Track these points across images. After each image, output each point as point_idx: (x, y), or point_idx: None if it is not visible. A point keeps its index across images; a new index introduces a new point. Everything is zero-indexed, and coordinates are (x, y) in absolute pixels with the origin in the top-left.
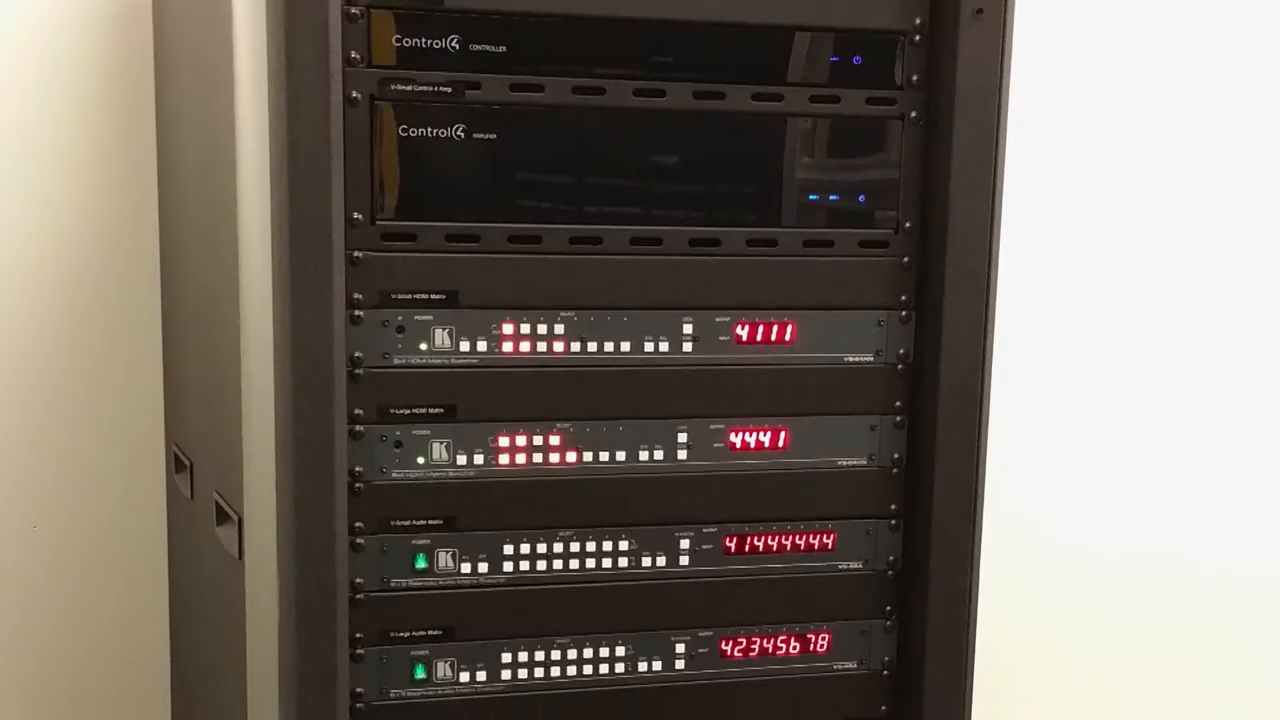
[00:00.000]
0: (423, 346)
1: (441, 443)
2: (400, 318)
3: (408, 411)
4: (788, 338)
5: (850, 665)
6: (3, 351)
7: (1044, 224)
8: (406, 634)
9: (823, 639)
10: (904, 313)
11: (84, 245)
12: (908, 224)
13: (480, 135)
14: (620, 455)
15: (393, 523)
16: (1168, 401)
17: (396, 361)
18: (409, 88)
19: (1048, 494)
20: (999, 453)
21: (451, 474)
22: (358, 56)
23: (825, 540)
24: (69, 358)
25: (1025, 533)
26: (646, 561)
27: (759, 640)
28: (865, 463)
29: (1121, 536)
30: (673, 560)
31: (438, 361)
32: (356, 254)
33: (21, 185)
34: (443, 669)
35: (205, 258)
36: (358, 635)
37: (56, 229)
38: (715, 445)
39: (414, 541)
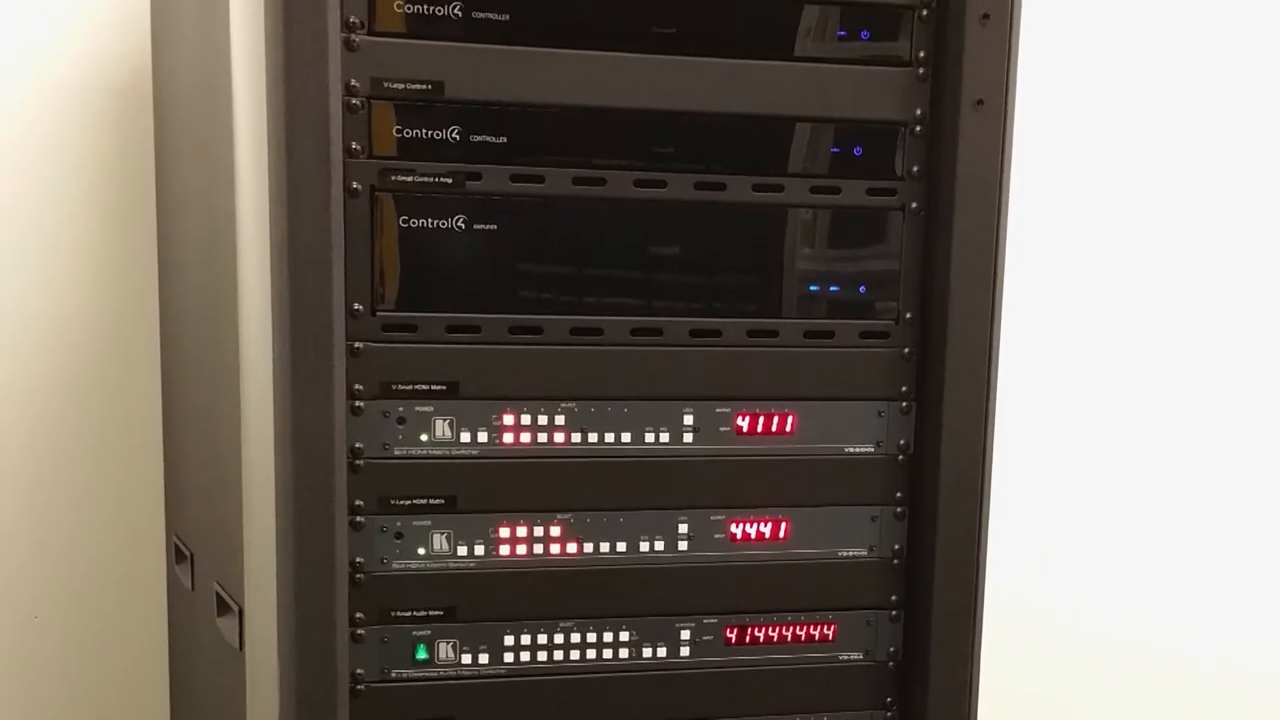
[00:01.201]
0: (423, 437)
1: (442, 533)
2: (401, 408)
3: (408, 502)
4: (788, 428)
5: None
6: (3, 439)
7: (1037, 319)
8: None
9: None
10: (904, 404)
11: (84, 333)
12: (908, 315)
13: (481, 226)
14: (621, 546)
15: (393, 613)
16: (1167, 493)
17: (397, 452)
18: (409, 179)
19: (1049, 584)
20: (999, 542)
21: (452, 565)
22: (358, 147)
23: (826, 631)
24: (69, 446)
25: (1027, 623)
26: (647, 652)
27: None
28: (866, 553)
29: (1125, 631)
30: (673, 651)
31: (438, 452)
32: (357, 345)
33: (22, 271)
34: None
35: (206, 347)
36: None
37: (57, 316)
38: (716, 536)
39: (415, 632)
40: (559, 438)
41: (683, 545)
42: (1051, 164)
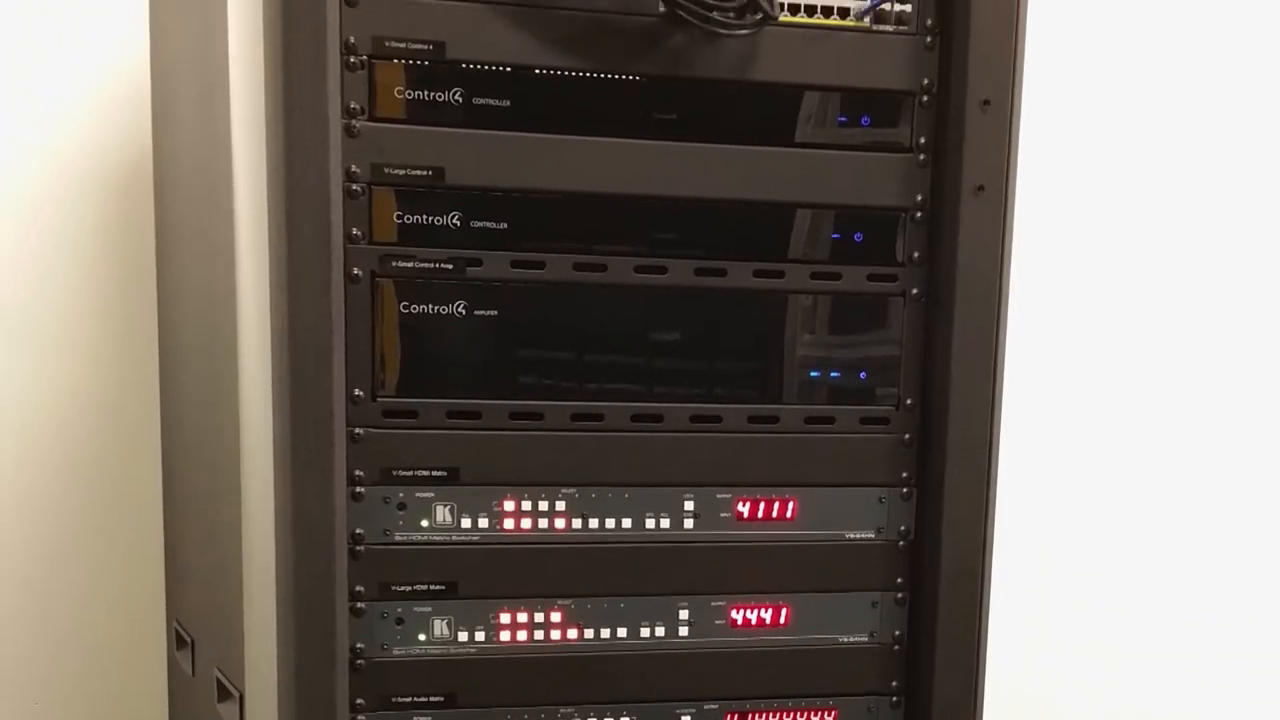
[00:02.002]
0: (424, 523)
1: (443, 619)
2: (401, 494)
3: (409, 588)
4: (789, 514)
5: None
6: (4, 525)
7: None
8: None
9: None
10: (905, 490)
11: (85, 417)
12: (909, 401)
13: (481, 311)
14: (622, 632)
15: (394, 700)
16: (1176, 577)
17: (398, 538)
18: (410, 264)
19: (1051, 672)
20: (1000, 627)
21: (453, 651)
22: (359, 233)
23: (827, 717)
24: (70, 531)
25: (1029, 713)
26: None
27: None
28: (867, 639)
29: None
30: None
31: (439, 538)
32: (358, 431)
33: (22, 359)
34: None
35: (206, 432)
36: None
37: (57, 403)
38: (717, 622)
39: (415, 718)
40: (559, 523)
41: (683, 631)
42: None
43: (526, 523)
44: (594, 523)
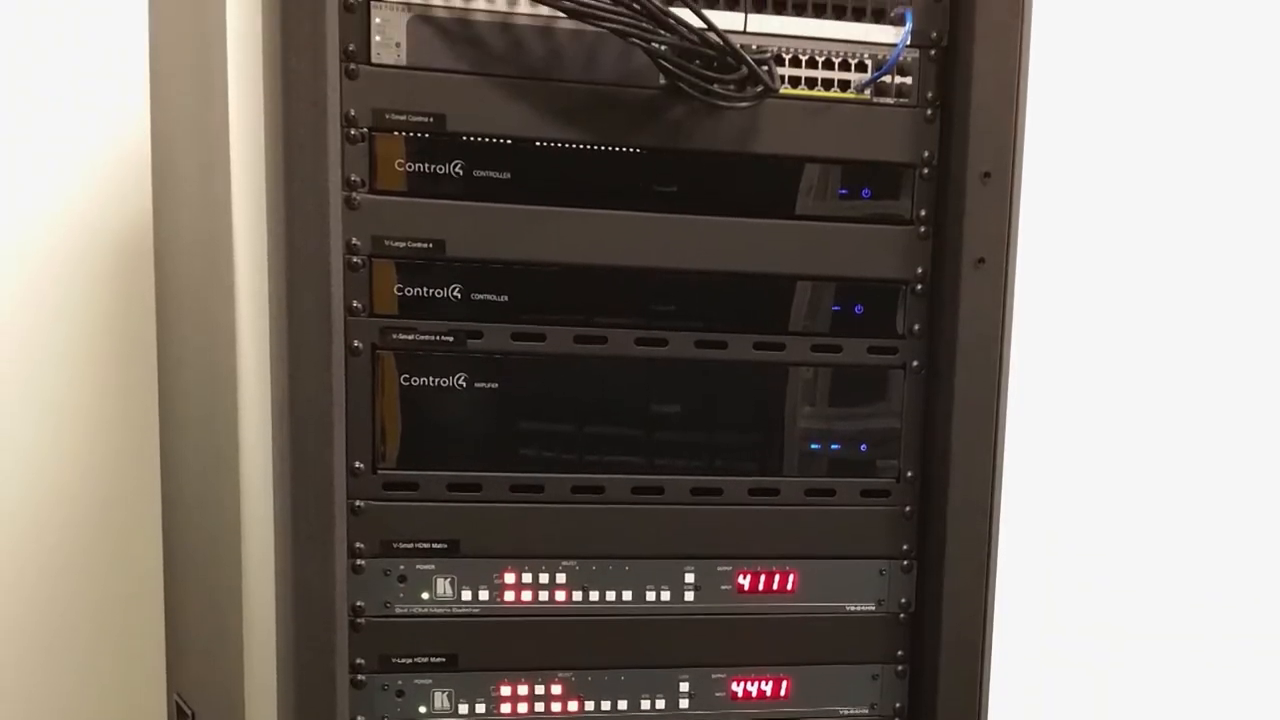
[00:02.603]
0: (424, 596)
1: (443, 692)
2: (402, 567)
3: (409, 661)
4: (789, 587)
5: None
6: (4, 598)
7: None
8: None
9: None
10: (906, 562)
11: (85, 487)
12: (909, 473)
13: (482, 384)
14: (622, 704)
15: None
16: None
17: (398, 611)
18: (411, 337)
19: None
20: (1001, 701)
21: None
22: (359, 305)
23: None
24: (70, 604)
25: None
26: None
27: None
28: (867, 712)
29: None
30: None
31: (439, 611)
32: (358, 503)
33: (22, 429)
34: None
35: (207, 504)
36: None
37: (57, 473)
38: (717, 694)
39: None
40: (560, 596)
41: (684, 704)
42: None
43: (527, 595)
44: (594, 595)
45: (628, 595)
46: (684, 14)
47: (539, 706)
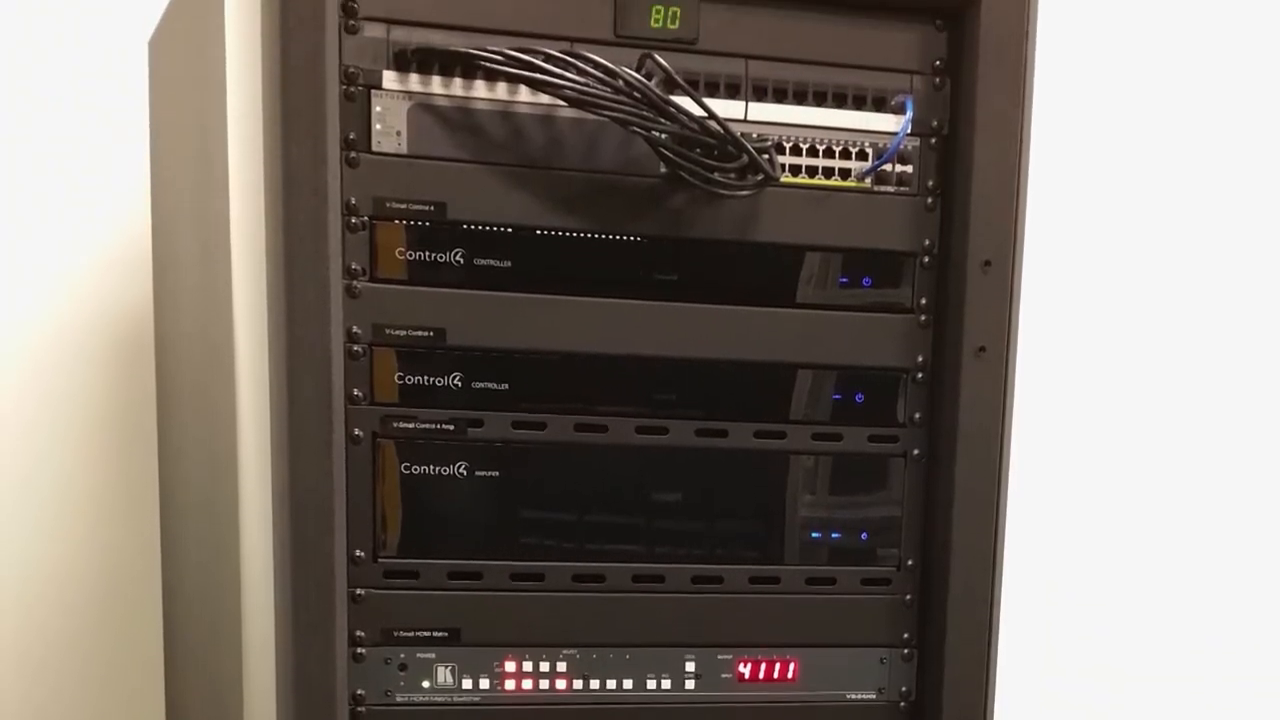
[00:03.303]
0: (425, 684)
1: None
2: (403, 655)
3: None
4: (790, 675)
5: None
6: (4, 686)
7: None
8: None
9: None
10: (906, 650)
11: (86, 576)
12: (910, 561)
13: (482, 472)
14: None
15: None
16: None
17: (399, 700)
18: (411, 425)
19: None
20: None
21: None
22: (360, 394)
23: None
24: (72, 695)
25: None
26: None
27: None
28: None
29: None
30: None
31: (440, 699)
32: (359, 591)
33: (23, 517)
34: None
35: (208, 593)
36: None
37: (58, 562)
38: None
39: None
40: (561, 684)
41: None
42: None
43: (528, 684)
44: (595, 684)
45: (628, 684)
46: (685, 102)
47: None
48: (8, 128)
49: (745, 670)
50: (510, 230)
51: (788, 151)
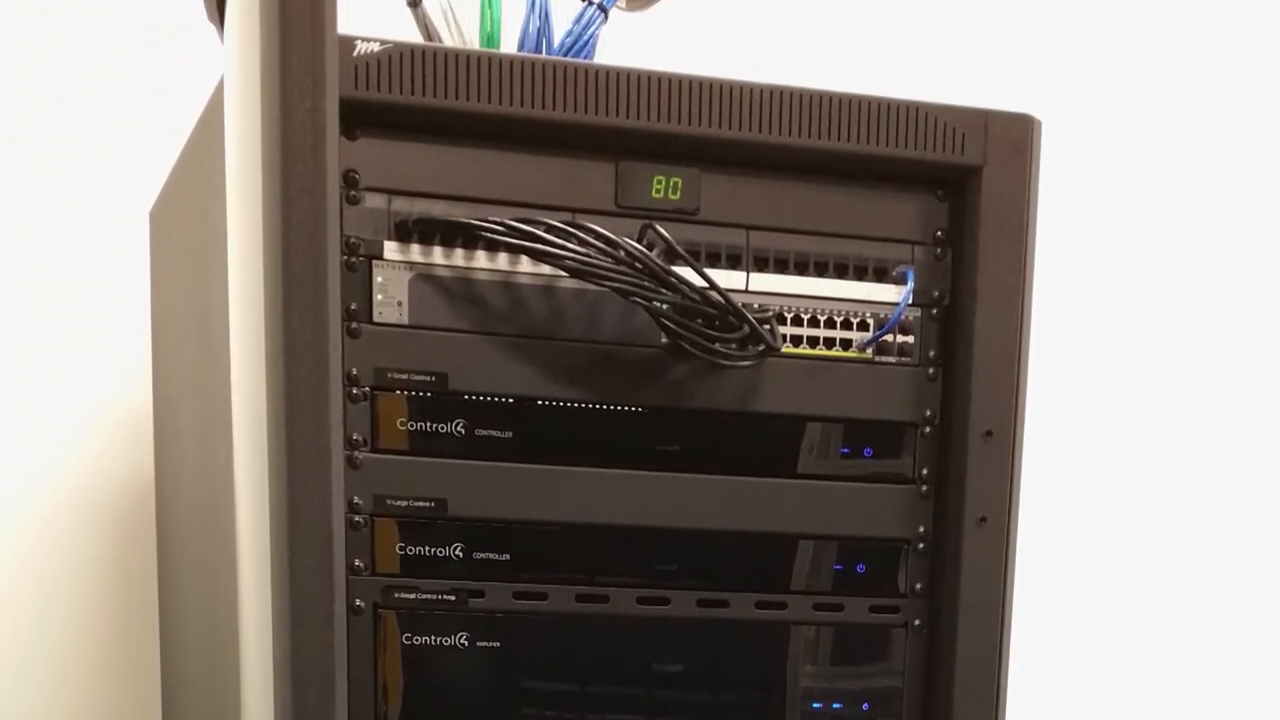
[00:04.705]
0: None
1: None
2: None
3: None
4: None
5: None
6: None
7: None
8: None
9: None
10: None
11: None
12: None
13: (483, 643)
14: None
15: None
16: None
17: None
18: (412, 596)
19: None
20: None
21: None
22: (361, 564)
23: None
24: None
25: None
26: None
27: None
28: None
29: None
30: None
31: None
32: None
33: (23, 691)
34: None
35: None
36: None
37: None
38: None
39: None
40: None
41: None
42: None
43: None
44: None
45: None
46: (686, 272)
47: None
48: (8, 300)
49: None
50: (511, 401)
51: (789, 322)
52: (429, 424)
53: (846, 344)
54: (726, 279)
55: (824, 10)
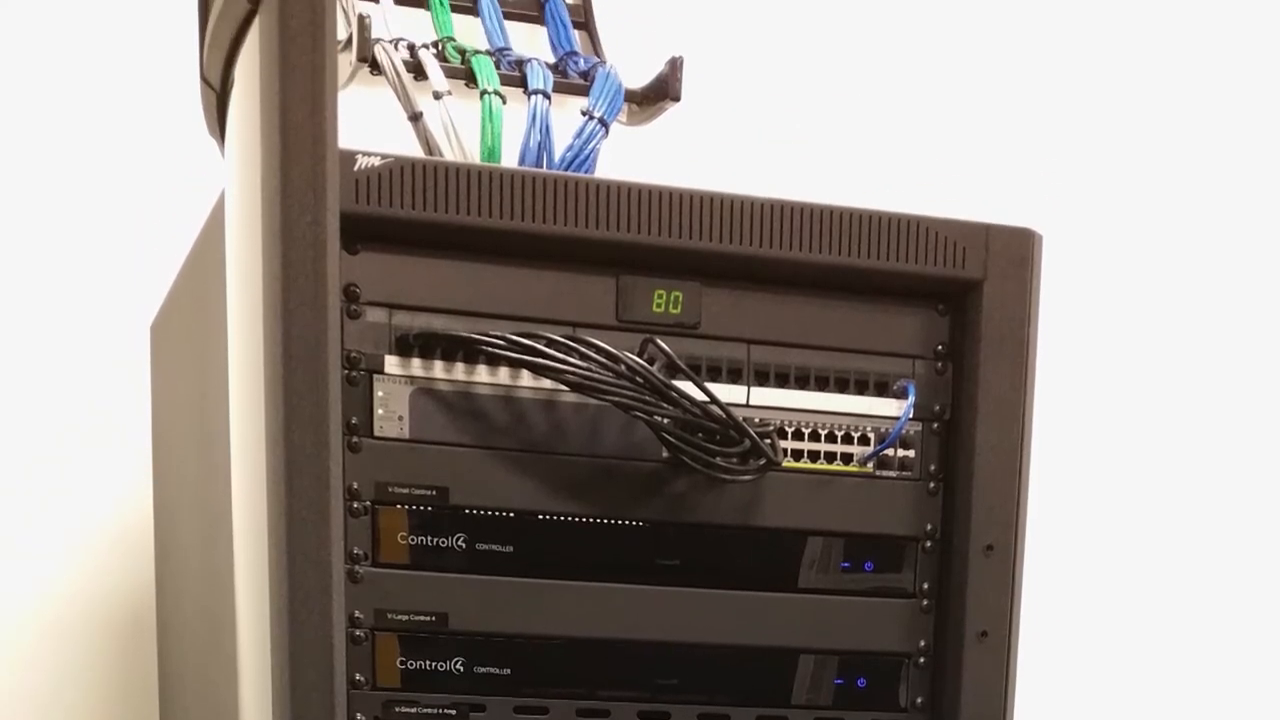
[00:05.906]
0: None
1: None
2: None
3: None
4: None
5: None
6: None
7: None
8: None
9: None
10: None
11: None
12: None
13: None
14: None
15: None
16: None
17: None
18: (413, 710)
19: None
20: None
21: None
22: (362, 679)
23: None
24: None
25: None
26: None
27: None
28: None
29: None
30: None
31: None
32: None
33: None
34: None
35: None
36: None
37: None
38: None
39: None
40: None
41: None
42: None
43: None
44: None
45: None
46: (687, 387)
47: None
48: (11, 411)
49: None
50: (512, 515)
51: (790, 436)
52: (430, 538)
53: (847, 458)
54: (727, 393)
55: (826, 123)
